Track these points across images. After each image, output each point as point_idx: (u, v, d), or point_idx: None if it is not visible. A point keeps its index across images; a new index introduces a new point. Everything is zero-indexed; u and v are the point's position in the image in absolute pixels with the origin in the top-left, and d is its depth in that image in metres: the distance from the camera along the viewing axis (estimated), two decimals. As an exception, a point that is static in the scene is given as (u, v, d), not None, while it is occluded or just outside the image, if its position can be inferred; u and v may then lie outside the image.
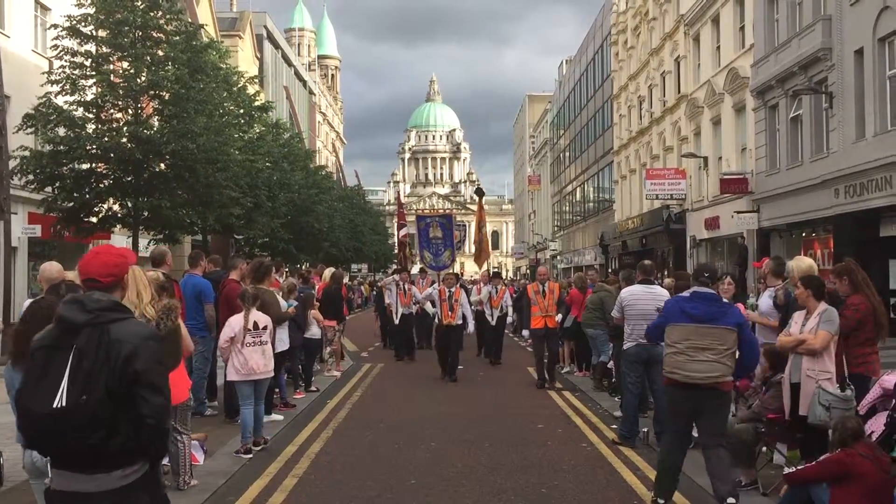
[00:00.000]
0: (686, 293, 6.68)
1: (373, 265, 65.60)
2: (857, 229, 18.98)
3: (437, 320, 15.32)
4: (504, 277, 24.63)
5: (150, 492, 3.45)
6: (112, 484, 3.28)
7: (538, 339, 13.54)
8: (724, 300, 6.96)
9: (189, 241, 30.59)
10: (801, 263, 7.99)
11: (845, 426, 5.40)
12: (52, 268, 6.21)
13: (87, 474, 3.28)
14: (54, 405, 3.20)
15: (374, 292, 24.41)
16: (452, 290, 14.70)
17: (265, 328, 8.36)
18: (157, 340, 3.50)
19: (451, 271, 17.32)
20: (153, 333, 3.52)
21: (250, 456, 8.19)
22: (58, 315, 3.44)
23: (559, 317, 13.66)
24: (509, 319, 18.60)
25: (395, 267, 21.75)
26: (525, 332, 14.47)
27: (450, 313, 14.43)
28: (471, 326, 15.75)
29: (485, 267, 24.02)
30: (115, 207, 21.57)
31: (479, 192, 24.64)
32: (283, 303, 10.26)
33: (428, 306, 17.61)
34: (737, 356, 6.25)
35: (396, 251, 24.16)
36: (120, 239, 25.65)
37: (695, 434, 6.65)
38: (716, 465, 6.26)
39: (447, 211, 27.03)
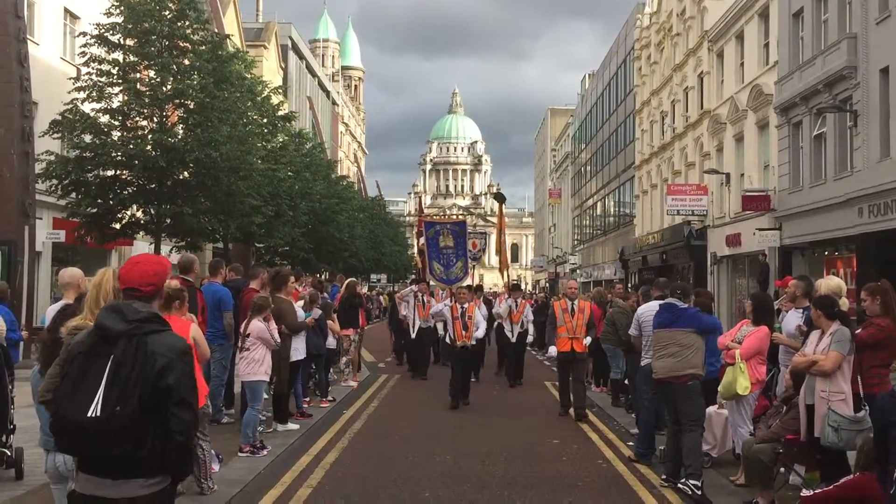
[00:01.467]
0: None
1: (392, 276, 65.68)
2: (880, 249, 18.76)
3: (448, 340, 13.64)
4: (523, 290, 22.42)
5: None
6: (133, 492, 3.31)
7: (563, 364, 12.01)
8: (683, 306, 7.82)
9: (210, 248, 30.84)
10: (831, 283, 7.92)
11: (870, 449, 5.31)
12: (71, 273, 6.28)
13: (113, 479, 3.31)
14: (89, 413, 3.23)
15: (390, 304, 22.21)
16: (465, 306, 13.11)
17: (248, 336, 8.64)
18: (191, 354, 3.53)
19: (463, 285, 15.16)
20: (187, 347, 3.53)
21: (262, 454, 8.50)
22: (97, 323, 3.48)
23: (588, 340, 11.91)
24: (530, 338, 17.08)
25: (413, 277, 20.64)
26: (553, 350, 12.31)
27: (463, 333, 12.85)
28: (480, 332, 13.99)
29: (505, 277, 22.51)
30: (139, 214, 21.80)
31: (500, 198, 21.74)
32: (300, 312, 10.29)
33: (439, 325, 16.12)
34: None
35: (415, 261, 24.00)
36: (142, 245, 25.92)
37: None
38: (686, 444, 7.46)
39: (460, 217, 21.88)
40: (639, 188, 42.49)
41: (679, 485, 7.39)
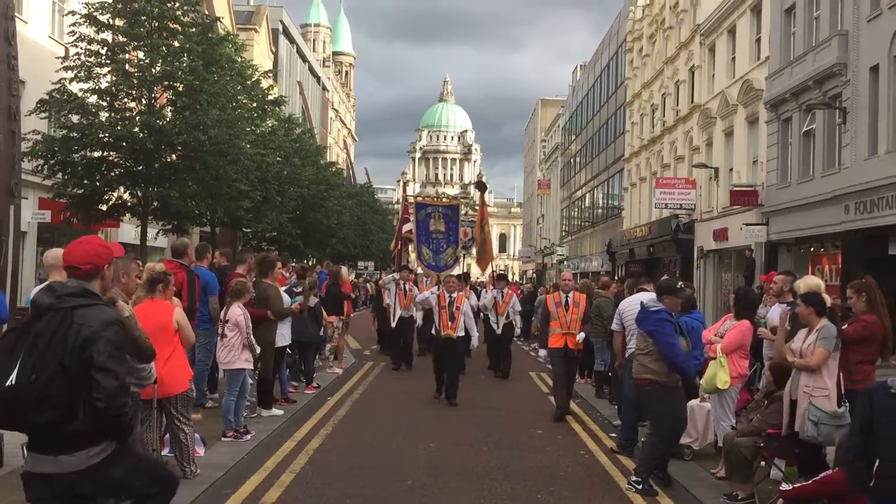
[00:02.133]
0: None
1: (379, 263, 65.65)
2: (866, 246, 18.90)
3: (434, 330, 12.65)
4: (510, 280, 21.69)
5: (123, 464, 3.52)
6: (78, 465, 3.38)
7: (558, 360, 10.99)
8: (654, 307, 7.35)
9: (197, 232, 30.70)
10: (809, 282, 7.98)
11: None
12: (56, 254, 6.23)
13: (52, 455, 3.36)
14: (6, 383, 3.32)
15: (375, 291, 21.18)
16: (454, 295, 12.19)
17: (227, 322, 8.56)
18: (120, 326, 3.59)
19: (453, 273, 14.18)
20: (115, 319, 3.59)
21: (245, 439, 8.50)
22: (31, 300, 3.64)
23: (581, 335, 11.06)
24: (517, 330, 16.59)
25: (404, 265, 18.31)
26: (542, 352, 11.72)
27: (450, 324, 11.99)
28: (474, 340, 12.99)
29: (489, 269, 20.82)
30: (125, 196, 21.66)
31: (481, 187, 20.80)
32: (286, 298, 10.27)
33: (418, 315, 15.61)
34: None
35: (394, 249, 21.15)
36: (128, 228, 25.80)
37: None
38: (644, 445, 7.77)
39: (453, 200, 18.23)
40: (627, 181, 42.58)
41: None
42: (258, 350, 8.59)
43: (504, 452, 8.75)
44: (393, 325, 15.91)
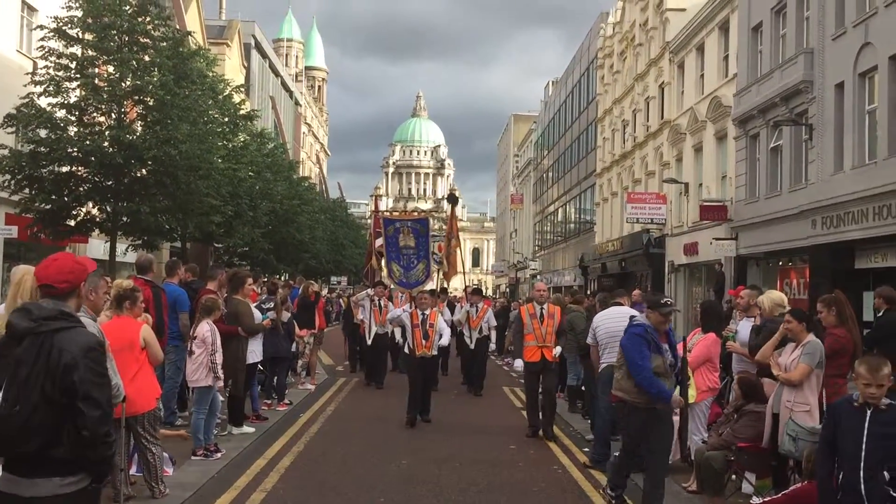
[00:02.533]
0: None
1: (352, 278, 65.42)
2: (832, 260, 19.19)
3: (406, 349, 12.07)
4: (483, 294, 20.57)
5: None
6: (49, 490, 3.29)
7: (532, 375, 10.62)
8: (636, 322, 6.82)
9: (168, 248, 30.40)
10: (773, 296, 8.09)
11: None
12: (24, 271, 6.13)
13: (28, 479, 3.29)
14: None
15: (344, 308, 19.68)
16: (427, 313, 11.72)
17: (195, 339, 8.43)
18: (101, 350, 3.50)
19: (426, 289, 13.76)
20: (97, 343, 3.50)
21: (216, 458, 8.38)
22: (6, 322, 3.47)
23: (558, 349, 10.65)
24: (491, 345, 16.32)
25: (377, 280, 17.30)
26: (518, 364, 11.27)
27: (423, 342, 11.48)
28: (445, 338, 12.52)
29: (457, 283, 19.99)
30: (94, 211, 21.41)
31: (452, 200, 18.99)
32: (257, 314, 10.19)
33: (397, 331, 14.92)
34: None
35: (367, 264, 19.64)
36: (97, 243, 25.47)
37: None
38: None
39: (421, 214, 17.80)
40: (599, 196, 42.90)
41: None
42: (220, 373, 8.38)
43: (477, 469, 8.73)
44: (369, 341, 15.48)
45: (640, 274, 34.67)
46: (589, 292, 32.59)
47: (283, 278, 36.54)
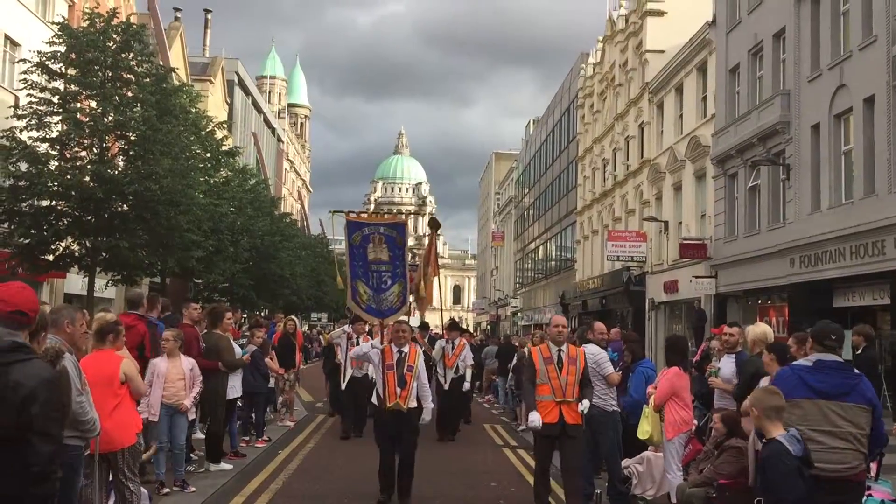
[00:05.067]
0: (806, 361, 5.44)
1: (333, 315, 65.10)
2: (811, 298, 19.35)
3: (374, 398, 8.85)
4: (462, 329, 17.98)
5: None
6: None
7: (545, 441, 7.90)
8: (854, 371, 5.53)
9: (146, 283, 30.16)
10: (757, 329, 8.13)
11: None
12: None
13: None
14: None
15: (324, 346, 17.49)
16: (405, 350, 8.59)
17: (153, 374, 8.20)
18: (56, 383, 3.46)
19: (402, 318, 9.82)
20: (52, 376, 3.46)
21: (189, 490, 8.29)
22: None
23: (584, 404, 7.78)
24: (466, 385, 14.52)
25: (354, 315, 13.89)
26: (535, 419, 7.70)
27: (398, 391, 8.43)
28: (427, 413, 8.86)
29: (435, 319, 17.59)
30: (74, 246, 21.25)
31: (434, 224, 13.96)
32: (237, 350, 10.11)
33: (369, 369, 12.17)
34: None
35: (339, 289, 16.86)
36: (76, 279, 25.22)
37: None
38: None
39: (397, 217, 10.93)
40: (580, 233, 43.17)
41: None
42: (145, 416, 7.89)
43: (458, 506, 8.63)
44: (343, 385, 13.34)
45: (620, 311, 34.78)
46: (570, 329, 32.59)
47: (262, 314, 36.34)
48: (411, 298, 10.80)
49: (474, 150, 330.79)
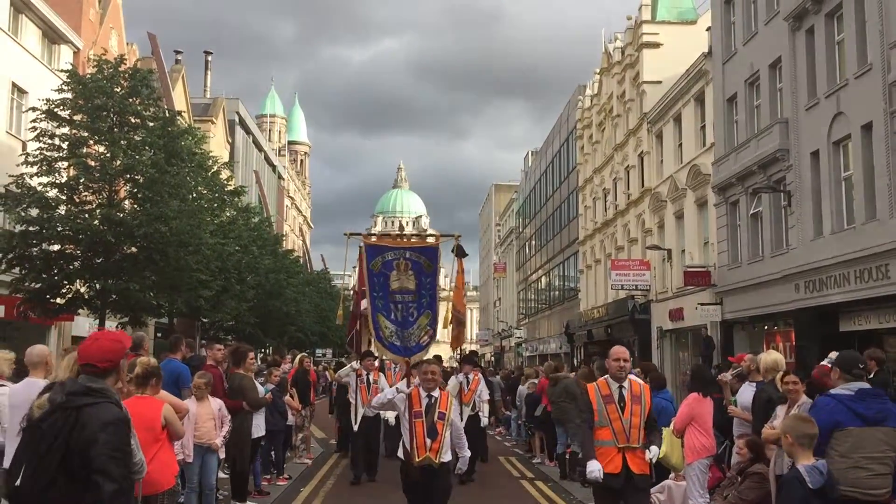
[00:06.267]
0: (846, 390, 5.51)
1: (337, 350, 65.05)
2: (817, 323, 19.49)
3: (401, 453, 7.56)
4: (478, 362, 17.63)
5: None
6: None
7: (607, 495, 6.65)
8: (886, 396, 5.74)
9: (153, 323, 30.28)
10: (768, 358, 8.31)
11: None
12: (40, 352, 6.27)
13: None
14: (16, 483, 3.48)
15: (334, 385, 16.37)
16: (435, 395, 7.48)
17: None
18: (122, 425, 3.68)
19: (427, 356, 8.83)
20: (115, 419, 3.67)
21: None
22: (49, 398, 3.74)
23: (653, 451, 6.73)
24: (484, 420, 13.66)
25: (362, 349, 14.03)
26: (593, 470, 6.52)
27: (429, 442, 7.28)
28: (463, 461, 7.76)
29: (457, 352, 17.07)
30: (82, 289, 21.42)
31: (460, 252, 13.16)
32: (260, 389, 10.26)
33: (389, 414, 11.51)
34: None
35: (349, 328, 16.52)
36: (83, 320, 25.36)
37: None
38: None
39: (425, 241, 9.85)
40: (583, 263, 43.35)
41: None
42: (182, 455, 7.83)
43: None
44: (355, 427, 12.65)
45: (626, 340, 34.82)
46: (577, 361, 32.69)
47: (266, 351, 36.39)
48: (450, 327, 9.71)
49: (472, 183, 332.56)
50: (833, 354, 8.38)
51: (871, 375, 9.69)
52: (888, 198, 16.73)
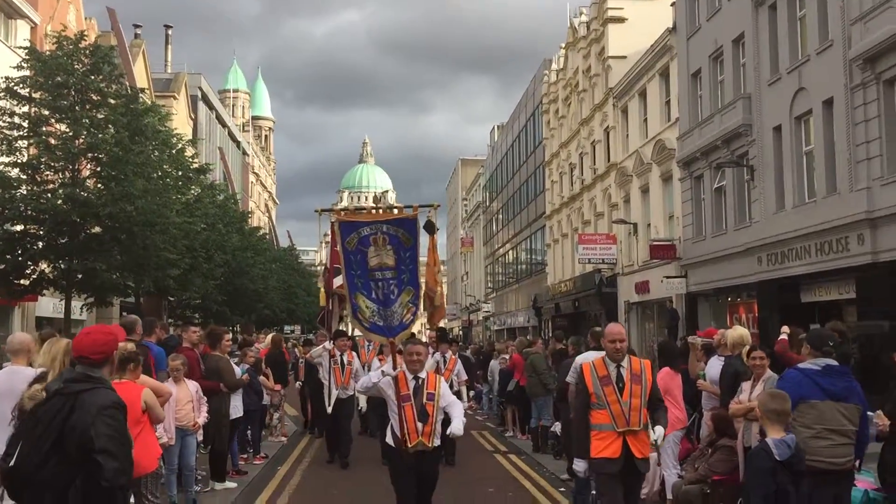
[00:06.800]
0: (812, 365, 5.75)
1: (306, 327, 65.00)
2: (779, 295, 19.98)
3: (389, 439, 7.13)
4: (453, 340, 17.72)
5: None
6: None
7: (610, 482, 6.31)
8: (851, 374, 5.95)
9: (118, 303, 30.01)
10: (734, 333, 8.56)
11: None
12: (21, 339, 6.25)
13: None
14: (11, 464, 3.66)
15: (303, 362, 15.61)
16: (421, 376, 7.08)
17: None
18: (118, 409, 3.83)
19: (412, 333, 8.20)
20: (113, 402, 3.83)
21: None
22: (46, 387, 3.93)
23: (658, 433, 6.32)
24: (464, 403, 12.08)
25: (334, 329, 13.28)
26: (580, 467, 6.53)
27: (420, 426, 6.88)
28: (456, 426, 6.96)
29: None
30: (47, 269, 21.15)
31: (430, 228, 9.98)
32: (237, 370, 10.31)
33: (362, 400, 11.36)
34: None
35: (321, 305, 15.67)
36: (47, 301, 25.05)
37: None
38: None
39: (403, 212, 8.01)
40: (550, 237, 43.70)
41: None
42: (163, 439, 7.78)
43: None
44: (329, 409, 11.96)
45: (593, 313, 35.30)
46: (548, 335, 33.01)
47: (235, 329, 36.24)
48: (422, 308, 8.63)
49: (439, 157, 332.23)
50: (785, 329, 8.72)
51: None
52: (848, 172, 17.13)
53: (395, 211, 8.27)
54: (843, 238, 17.22)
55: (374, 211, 8.46)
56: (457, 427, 6.88)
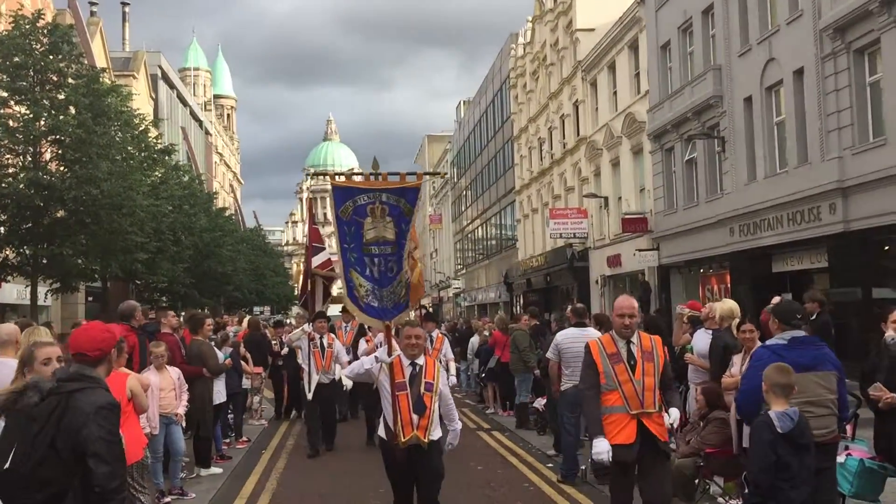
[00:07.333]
0: (779, 340, 5.60)
1: (275, 307, 64.58)
2: (751, 265, 20.19)
3: (381, 431, 6.52)
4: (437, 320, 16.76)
5: None
6: None
7: (623, 471, 5.84)
8: (820, 341, 5.80)
9: (83, 288, 29.45)
10: (724, 306, 8.56)
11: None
12: (9, 331, 6.04)
13: None
14: (4, 466, 3.51)
15: (283, 347, 14.79)
16: (419, 362, 6.39)
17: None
18: (112, 410, 3.70)
19: (409, 315, 7.47)
20: (107, 403, 3.70)
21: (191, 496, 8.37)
22: (35, 384, 3.73)
23: (673, 415, 5.97)
24: (452, 380, 11.28)
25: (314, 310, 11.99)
26: (600, 450, 5.73)
27: (415, 418, 6.21)
28: (453, 435, 6.60)
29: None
30: (11, 255, 20.66)
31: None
32: (220, 354, 10.12)
33: (347, 382, 10.82)
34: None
35: (300, 286, 15.30)
36: (10, 287, 24.48)
37: None
38: None
39: (405, 181, 6.83)
40: (520, 212, 43.70)
41: None
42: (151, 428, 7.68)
43: (451, 490, 8.82)
44: (309, 395, 11.45)
45: (565, 288, 35.45)
46: (522, 308, 33.08)
47: (204, 311, 35.76)
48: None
49: (404, 134, 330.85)
50: (776, 299, 8.73)
51: (813, 317, 10.09)
52: (819, 142, 17.27)
53: (399, 181, 7.11)
54: (814, 208, 17.39)
55: (371, 176, 7.27)
56: (454, 438, 6.48)
